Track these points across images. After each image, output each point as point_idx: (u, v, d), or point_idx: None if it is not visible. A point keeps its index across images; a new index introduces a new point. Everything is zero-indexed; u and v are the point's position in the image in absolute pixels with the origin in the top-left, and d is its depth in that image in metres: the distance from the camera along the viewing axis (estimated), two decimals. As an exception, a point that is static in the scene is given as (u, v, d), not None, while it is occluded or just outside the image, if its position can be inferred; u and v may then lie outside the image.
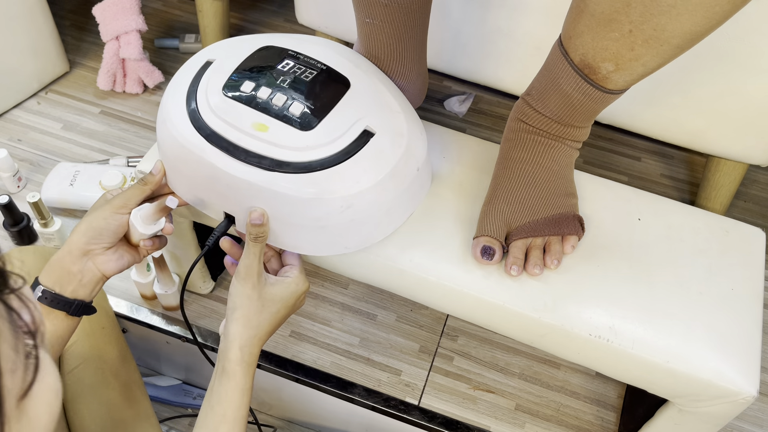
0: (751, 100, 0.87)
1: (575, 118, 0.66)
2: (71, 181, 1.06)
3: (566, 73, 0.62)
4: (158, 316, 0.96)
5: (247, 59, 0.69)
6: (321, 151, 0.63)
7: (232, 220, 0.69)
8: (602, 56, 0.58)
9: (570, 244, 0.69)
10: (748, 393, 0.64)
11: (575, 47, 0.60)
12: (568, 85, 0.63)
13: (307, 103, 0.65)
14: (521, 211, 0.69)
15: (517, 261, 0.68)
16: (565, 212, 0.70)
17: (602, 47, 0.58)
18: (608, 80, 0.60)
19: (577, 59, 0.61)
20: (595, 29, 0.57)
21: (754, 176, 1.23)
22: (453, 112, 1.26)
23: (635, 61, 0.57)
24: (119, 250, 0.68)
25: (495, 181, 0.73)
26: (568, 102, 0.64)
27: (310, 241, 0.68)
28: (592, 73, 0.60)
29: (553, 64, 0.64)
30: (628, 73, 0.59)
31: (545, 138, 0.69)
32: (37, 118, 1.21)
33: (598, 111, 0.66)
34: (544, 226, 0.69)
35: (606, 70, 0.59)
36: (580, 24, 0.59)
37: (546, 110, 0.67)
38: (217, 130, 0.65)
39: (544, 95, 0.67)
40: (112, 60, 1.20)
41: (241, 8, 1.46)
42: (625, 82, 0.60)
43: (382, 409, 0.91)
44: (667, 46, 0.55)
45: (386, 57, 0.74)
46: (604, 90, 0.61)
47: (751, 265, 0.72)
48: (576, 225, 0.70)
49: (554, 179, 0.70)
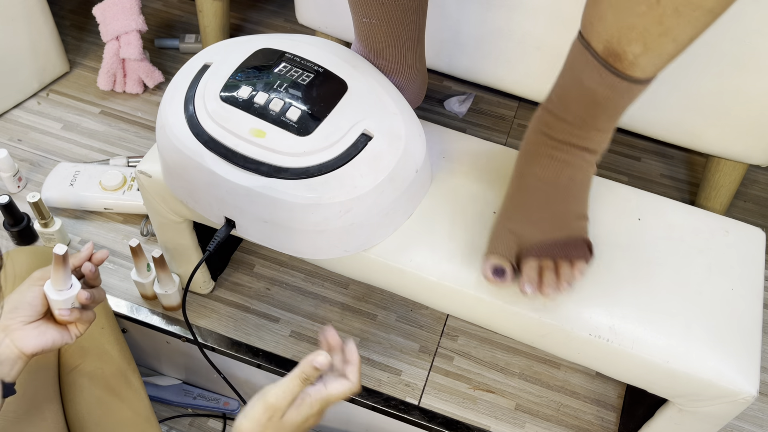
0: (751, 100, 0.87)
1: (600, 119, 0.63)
2: (71, 181, 1.06)
3: (590, 67, 0.59)
4: (158, 316, 0.96)
5: (244, 62, 0.69)
6: (319, 156, 0.63)
7: (232, 225, 0.69)
8: (628, 37, 0.55)
9: (578, 269, 0.67)
10: (748, 393, 0.64)
11: (598, 34, 0.57)
12: (591, 80, 0.60)
13: (304, 107, 0.65)
14: (533, 231, 0.67)
15: (532, 279, 0.66)
16: (575, 235, 0.68)
17: (628, 26, 0.54)
18: (635, 66, 0.57)
19: (600, 48, 0.58)
20: (619, 6, 0.54)
21: (754, 176, 1.23)
22: (453, 112, 1.26)
23: (665, 36, 0.53)
24: (42, 326, 0.63)
25: (509, 198, 0.71)
26: (593, 100, 0.61)
27: (309, 245, 0.68)
28: (617, 61, 0.57)
29: (574, 60, 0.62)
30: (657, 54, 0.55)
31: (565, 154, 0.66)
32: (38, 118, 1.21)
33: (623, 108, 0.63)
34: (554, 248, 0.67)
35: (633, 54, 0.56)
36: (602, 4, 0.56)
37: (568, 114, 0.64)
38: (215, 137, 0.65)
39: (565, 98, 0.64)
40: (112, 60, 1.20)
41: (241, 8, 1.46)
42: (654, 66, 0.57)
43: (382, 409, 0.91)
44: (699, 11, 0.51)
45: (384, 56, 0.74)
46: (631, 79, 0.58)
47: (751, 265, 0.72)
48: (585, 250, 0.68)
49: (568, 200, 0.68)
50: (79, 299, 0.64)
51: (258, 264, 1.04)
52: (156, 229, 0.87)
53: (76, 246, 1.04)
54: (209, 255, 0.69)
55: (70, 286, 0.63)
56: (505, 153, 0.80)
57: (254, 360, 0.93)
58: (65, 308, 0.63)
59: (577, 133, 0.65)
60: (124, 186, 1.06)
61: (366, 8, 0.70)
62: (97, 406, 0.77)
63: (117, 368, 0.81)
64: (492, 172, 0.77)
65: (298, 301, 1.01)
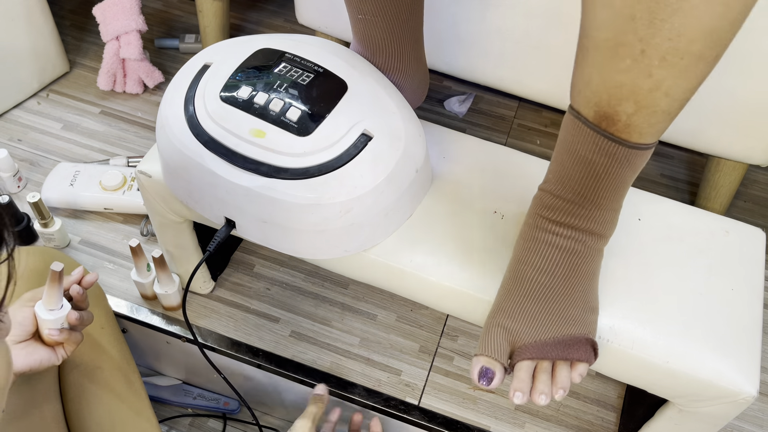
0: (751, 100, 0.87)
1: (601, 194, 0.58)
2: (71, 181, 1.06)
3: (583, 136, 0.55)
4: (158, 316, 0.96)
5: (244, 62, 0.69)
6: (319, 156, 0.63)
7: (232, 225, 0.69)
8: (618, 96, 0.51)
9: (578, 372, 0.61)
10: (748, 393, 0.64)
11: (587, 99, 0.54)
12: (587, 150, 0.56)
13: (304, 107, 0.65)
14: (529, 328, 0.61)
15: (523, 386, 0.60)
16: (579, 334, 0.62)
17: (616, 85, 0.51)
18: (631, 128, 0.53)
19: (591, 114, 0.54)
20: (603, 65, 0.51)
21: (754, 176, 1.23)
22: (453, 112, 1.26)
23: (657, 91, 0.50)
24: (31, 345, 0.64)
25: (503, 290, 0.65)
26: (592, 172, 0.57)
27: (309, 245, 0.68)
28: (611, 124, 0.53)
29: (567, 133, 0.58)
30: (651, 112, 0.52)
31: (565, 240, 0.61)
32: (38, 118, 1.21)
33: (624, 181, 0.58)
34: (552, 348, 0.61)
35: (626, 114, 0.52)
36: (586, 68, 0.53)
37: (567, 191, 0.60)
38: (215, 137, 0.65)
39: (562, 174, 0.60)
40: (112, 60, 1.20)
41: (241, 8, 1.46)
42: (651, 127, 0.53)
43: (382, 409, 0.91)
44: (688, 59, 0.48)
45: (381, 53, 0.74)
46: (628, 144, 0.54)
47: (751, 265, 0.72)
48: (588, 351, 0.62)
49: (571, 292, 0.62)
50: (69, 320, 0.65)
51: (258, 264, 1.04)
52: (156, 230, 0.87)
53: (76, 246, 1.04)
54: (209, 255, 0.69)
55: (61, 307, 0.64)
56: (506, 153, 0.80)
57: (254, 360, 0.93)
58: (55, 328, 0.64)
59: (579, 212, 0.60)
60: (124, 186, 1.06)
61: (360, 4, 0.70)
62: (97, 406, 0.77)
63: (117, 368, 0.81)
64: (492, 172, 0.77)
65: (298, 301, 1.01)
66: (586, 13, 0.52)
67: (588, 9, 0.51)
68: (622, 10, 0.48)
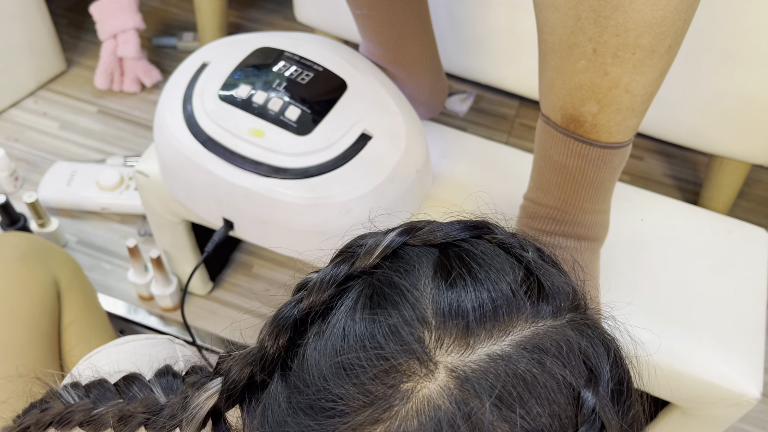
0: (754, 99, 0.86)
1: (581, 196, 0.59)
2: (68, 180, 1.06)
3: (555, 140, 0.56)
4: (156, 318, 0.95)
5: (243, 61, 0.68)
6: (318, 156, 0.63)
7: (231, 226, 0.69)
8: (580, 97, 0.52)
9: None
10: (751, 395, 0.63)
11: (552, 104, 0.55)
12: (560, 154, 0.56)
13: (304, 107, 0.64)
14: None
15: None
16: None
17: (575, 86, 0.52)
18: (598, 128, 0.53)
19: (559, 117, 0.55)
20: (561, 67, 0.52)
21: (757, 176, 1.22)
22: (454, 111, 1.25)
23: (616, 88, 0.50)
24: None
25: None
26: (568, 175, 0.57)
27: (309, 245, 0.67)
28: (578, 126, 0.54)
29: (540, 140, 0.59)
30: (615, 110, 0.52)
31: (556, 249, 0.61)
32: (34, 117, 1.20)
33: (603, 182, 0.58)
34: None
35: (590, 114, 0.53)
36: (547, 72, 0.54)
37: (548, 198, 0.60)
38: (213, 136, 0.64)
39: (541, 181, 0.60)
40: (109, 59, 1.19)
41: (239, 6, 1.45)
42: (618, 125, 0.53)
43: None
44: (640, 53, 0.48)
45: (384, 50, 0.72)
46: (598, 144, 0.54)
47: (755, 266, 0.71)
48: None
49: None
50: None
51: (257, 264, 1.03)
52: (154, 230, 0.86)
53: (72, 246, 1.03)
54: (208, 256, 0.68)
55: None
56: (507, 152, 0.80)
57: (253, 361, 0.92)
58: None
59: (563, 218, 0.60)
60: (122, 186, 1.05)
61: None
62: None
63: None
64: (493, 171, 0.77)
65: (297, 302, 1.00)
66: (537, 17, 0.53)
67: (538, 13, 0.52)
68: (568, 12, 0.48)
